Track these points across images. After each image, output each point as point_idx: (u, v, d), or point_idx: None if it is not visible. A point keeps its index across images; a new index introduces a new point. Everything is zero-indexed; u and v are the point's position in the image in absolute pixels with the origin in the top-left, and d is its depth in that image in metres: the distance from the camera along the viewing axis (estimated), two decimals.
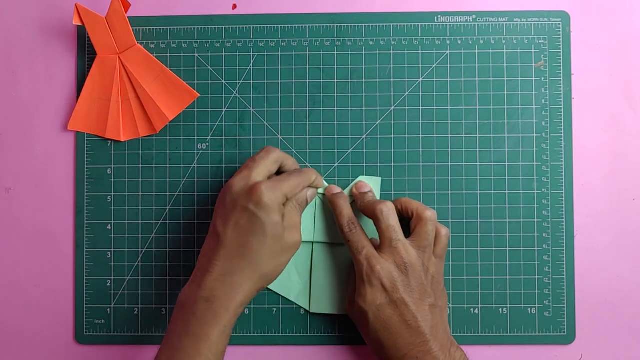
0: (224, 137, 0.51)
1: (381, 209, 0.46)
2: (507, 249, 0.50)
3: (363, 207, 0.48)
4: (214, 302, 0.42)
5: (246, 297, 0.43)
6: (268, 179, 0.44)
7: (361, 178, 0.50)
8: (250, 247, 0.43)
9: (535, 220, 0.50)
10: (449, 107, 0.51)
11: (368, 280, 0.45)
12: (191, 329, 0.41)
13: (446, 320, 0.46)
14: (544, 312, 0.50)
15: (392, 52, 0.51)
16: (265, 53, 0.51)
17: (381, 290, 0.44)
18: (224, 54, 0.51)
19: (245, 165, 0.45)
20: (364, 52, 0.51)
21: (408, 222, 0.48)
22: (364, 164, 0.51)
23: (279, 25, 0.51)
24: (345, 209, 0.47)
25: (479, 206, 0.50)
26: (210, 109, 0.51)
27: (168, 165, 0.51)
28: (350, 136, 0.51)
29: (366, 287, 0.45)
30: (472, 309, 0.50)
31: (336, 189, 0.49)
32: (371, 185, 0.50)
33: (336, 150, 0.51)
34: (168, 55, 0.51)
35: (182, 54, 0.51)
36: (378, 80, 0.51)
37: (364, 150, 0.51)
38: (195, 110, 0.51)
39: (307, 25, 0.51)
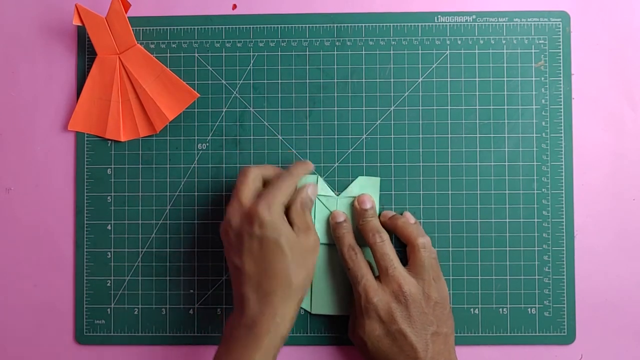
0: (224, 137, 0.51)
1: (374, 240, 0.46)
2: (507, 249, 0.50)
3: (361, 228, 0.48)
4: (254, 327, 0.42)
5: (287, 314, 0.42)
6: (259, 197, 0.43)
7: (360, 178, 0.50)
8: (274, 268, 0.42)
9: (535, 220, 0.50)
10: (449, 107, 0.51)
11: (366, 312, 0.45)
12: (233, 353, 0.41)
13: (451, 344, 0.46)
14: (544, 312, 0.50)
15: (392, 52, 0.51)
16: (265, 53, 0.51)
17: (378, 321, 0.44)
18: (224, 54, 0.51)
19: (231, 197, 0.45)
20: (364, 52, 0.51)
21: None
22: (364, 164, 0.51)
23: (279, 25, 0.51)
24: (346, 237, 0.47)
25: (479, 206, 0.50)
26: (210, 109, 0.51)
27: (168, 165, 0.51)
28: (350, 136, 0.51)
29: (364, 318, 0.45)
30: (472, 309, 0.50)
31: (339, 217, 0.48)
32: (370, 185, 0.50)
33: (336, 150, 0.51)
34: (168, 55, 0.51)
35: (182, 54, 0.51)
36: (378, 80, 0.51)
37: (364, 150, 0.51)
38: (195, 110, 0.51)
39: (307, 25, 0.51)
